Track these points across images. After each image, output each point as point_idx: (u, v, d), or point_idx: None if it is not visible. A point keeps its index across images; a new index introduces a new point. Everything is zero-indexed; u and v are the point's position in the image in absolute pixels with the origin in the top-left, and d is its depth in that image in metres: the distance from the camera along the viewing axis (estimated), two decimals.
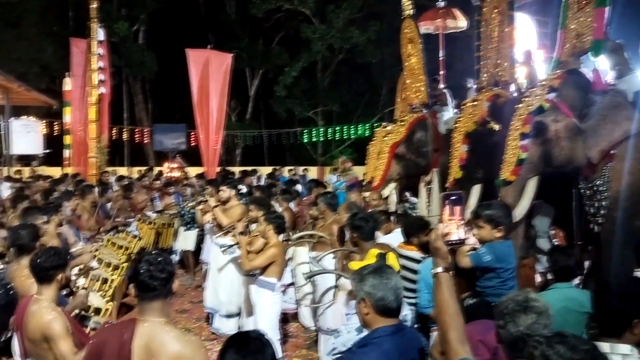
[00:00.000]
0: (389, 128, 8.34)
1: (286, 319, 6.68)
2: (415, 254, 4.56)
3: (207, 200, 6.79)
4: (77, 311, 3.96)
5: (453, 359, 2.15)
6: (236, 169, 17.62)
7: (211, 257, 6.93)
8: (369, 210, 6.24)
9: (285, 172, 16.72)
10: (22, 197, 7.29)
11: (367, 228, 4.30)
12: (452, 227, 2.38)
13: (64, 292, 3.82)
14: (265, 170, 17.73)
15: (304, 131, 23.25)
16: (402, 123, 7.48)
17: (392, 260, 3.61)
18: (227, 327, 6.48)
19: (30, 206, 6.03)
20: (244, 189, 10.06)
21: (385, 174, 7.21)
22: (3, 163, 17.39)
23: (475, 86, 7.86)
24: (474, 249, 3.75)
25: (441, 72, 10.20)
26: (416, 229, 4.68)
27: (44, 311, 3.09)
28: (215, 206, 6.53)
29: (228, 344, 2.15)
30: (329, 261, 5.44)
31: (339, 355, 3.07)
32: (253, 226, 6.34)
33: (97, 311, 5.00)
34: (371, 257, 3.59)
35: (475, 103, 6.10)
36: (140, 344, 2.46)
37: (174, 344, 2.47)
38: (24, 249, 4.01)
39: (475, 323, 3.05)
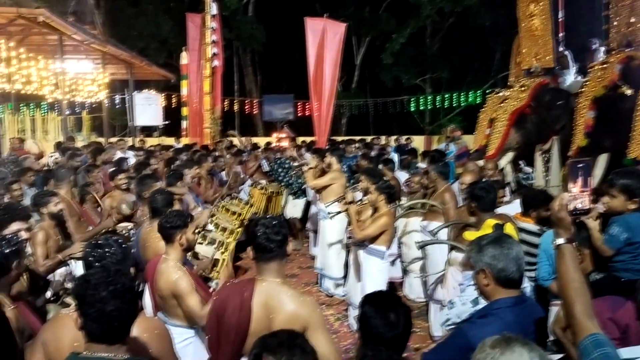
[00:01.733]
0: (504, 94, 7.96)
1: (394, 287, 6.68)
2: (533, 226, 4.36)
3: (307, 164, 7.01)
4: (201, 271, 4.21)
5: (581, 335, 2.01)
6: (341, 139, 17.72)
7: (319, 222, 7.15)
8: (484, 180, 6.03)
9: (392, 141, 16.55)
10: (145, 165, 7.81)
11: (488, 199, 4.10)
12: (577, 196, 2.21)
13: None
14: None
15: (411, 99, 22.82)
16: (523, 88, 7.08)
17: (510, 230, 3.45)
18: (334, 289, 6.75)
19: (146, 174, 6.39)
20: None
21: (502, 143, 6.91)
22: (128, 134, 18.77)
23: (602, 48, 7.26)
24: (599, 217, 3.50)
25: (561, 34, 9.51)
26: (538, 202, 4.45)
27: (171, 270, 3.32)
28: (309, 169, 6.74)
29: (367, 301, 2.17)
30: (442, 232, 5.37)
31: (454, 327, 3.01)
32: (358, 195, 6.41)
33: (215, 262, 5.33)
34: (487, 227, 3.45)
35: (604, 66, 5.64)
36: (259, 302, 2.57)
37: (290, 303, 2.56)
38: (158, 212, 4.30)
39: (603, 299, 2.85)
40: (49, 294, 4.19)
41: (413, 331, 5.73)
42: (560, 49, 8.77)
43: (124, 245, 2.64)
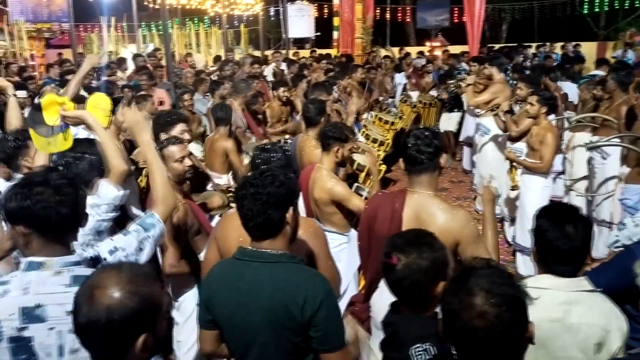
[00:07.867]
0: None
1: None
2: None
3: (465, 79, 6.56)
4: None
5: None
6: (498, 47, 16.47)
7: (477, 137, 6.86)
8: None
9: (558, 48, 15.07)
10: (301, 77, 7.99)
11: None
12: None
13: None
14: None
15: (584, 0, 20.34)
16: None
17: None
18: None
19: (317, 82, 6.54)
20: None
21: None
22: (282, 46, 19.19)
23: None
24: None
25: None
26: None
27: (325, 179, 3.44)
28: (468, 85, 6.32)
29: (542, 214, 2.05)
30: (614, 150, 4.89)
31: (622, 249, 2.77)
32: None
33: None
34: None
35: None
36: (409, 213, 2.55)
37: (442, 216, 2.50)
38: (312, 121, 4.44)
39: None
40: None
41: None
42: None
43: (288, 153, 2.77)
